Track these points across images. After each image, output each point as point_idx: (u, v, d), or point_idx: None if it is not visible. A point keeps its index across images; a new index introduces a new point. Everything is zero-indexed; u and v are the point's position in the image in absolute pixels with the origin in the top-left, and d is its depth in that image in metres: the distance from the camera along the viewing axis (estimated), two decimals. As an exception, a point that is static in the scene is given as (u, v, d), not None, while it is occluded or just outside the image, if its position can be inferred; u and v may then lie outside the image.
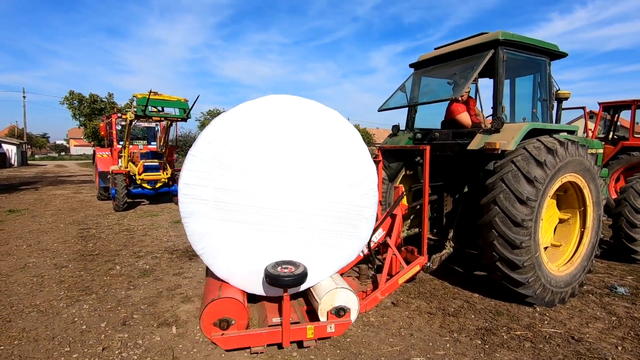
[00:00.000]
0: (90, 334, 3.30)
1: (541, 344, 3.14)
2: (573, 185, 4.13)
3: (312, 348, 3.05)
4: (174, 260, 5.47)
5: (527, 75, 4.98)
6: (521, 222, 3.55)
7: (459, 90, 4.24)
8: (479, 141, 4.07)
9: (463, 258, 5.39)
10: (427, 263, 4.05)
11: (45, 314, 3.69)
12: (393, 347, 3.09)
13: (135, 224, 8.05)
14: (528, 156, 3.65)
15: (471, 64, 4.25)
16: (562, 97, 4.83)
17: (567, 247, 4.29)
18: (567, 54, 4.65)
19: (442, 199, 4.91)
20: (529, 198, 3.56)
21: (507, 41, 4.11)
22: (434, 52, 4.93)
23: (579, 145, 3.97)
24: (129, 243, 6.44)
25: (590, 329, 3.43)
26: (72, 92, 30.70)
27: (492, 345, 3.11)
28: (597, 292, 4.30)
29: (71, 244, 6.39)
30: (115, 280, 4.65)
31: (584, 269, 4.17)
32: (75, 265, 5.23)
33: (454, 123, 4.89)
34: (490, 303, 3.96)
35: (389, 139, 5.40)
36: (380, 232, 4.19)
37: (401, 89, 5.15)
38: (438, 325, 3.48)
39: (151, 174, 9.95)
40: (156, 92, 9.21)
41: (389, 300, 4.02)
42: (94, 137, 28.96)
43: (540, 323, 3.51)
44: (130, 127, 9.61)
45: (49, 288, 4.37)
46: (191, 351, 3.02)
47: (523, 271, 3.63)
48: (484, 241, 3.83)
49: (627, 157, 8.84)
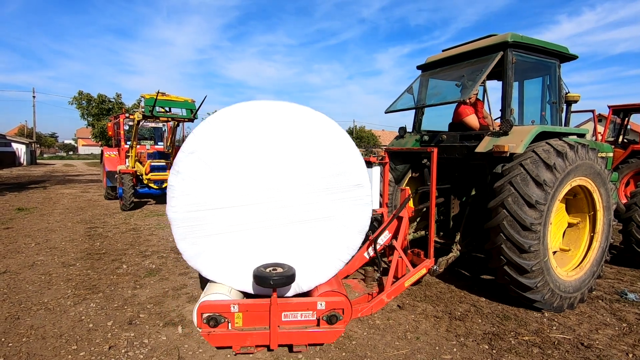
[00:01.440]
0: (97, 332, 3.32)
1: (550, 350, 3.09)
2: (583, 189, 4.07)
3: (317, 350, 3.04)
4: (180, 259, 5.49)
5: (536, 78, 4.94)
6: (530, 226, 3.51)
7: (467, 92, 4.21)
8: (487, 144, 4.03)
9: (470, 261, 5.35)
10: (433, 266, 4.02)
11: (53, 312, 3.73)
12: (399, 351, 3.07)
13: (142, 224, 8.11)
14: (537, 159, 3.61)
15: (480, 66, 4.22)
16: (571, 100, 4.77)
17: (577, 251, 4.24)
18: (577, 56, 4.60)
19: (449, 202, 4.87)
20: (537, 202, 3.52)
21: (516, 43, 4.07)
22: (442, 54, 4.91)
23: (589, 148, 3.92)
24: (136, 242, 6.49)
25: (600, 335, 3.37)
26: (80, 92, 31.04)
27: (499, 350, 3.07)
28: (607, 298, 4.23)
29: (79, 242, 6.45)
30: (121, 279, 4.68)
31: (593, 274, 4.11)
32: (82, 263, 5.28)
33: (462, 125, 4.86)
34: (498, 307, 3.91)
35: (395, 141, 5.38)
36: (387, 235, 4.17)
37: (408, 91, 5.13)
38: (444, 329, 3.45)
39: (158, 174, 10.01)
40: (164, 92, 9.29)
41: (394, 303, 3.99)
42: (102, 137, 29.23)
43: (549, 328, 3.47)
44: (137, 127, 9.69)
45: (56, 286, 4.41)
46: (197, 351, 3.02)
47: (531, 275, 3.59)
48: (491, 245, 3.79)
49: (638, 161, 8.71)
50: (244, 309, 2.72)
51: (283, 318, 2.76)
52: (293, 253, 2.98)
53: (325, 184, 2.97)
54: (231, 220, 2.87)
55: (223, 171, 2.82)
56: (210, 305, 2.68)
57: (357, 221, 3.05)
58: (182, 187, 2.78)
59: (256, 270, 2.70)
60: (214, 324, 2.65)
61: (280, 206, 2.92)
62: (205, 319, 2.65)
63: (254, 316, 2.74)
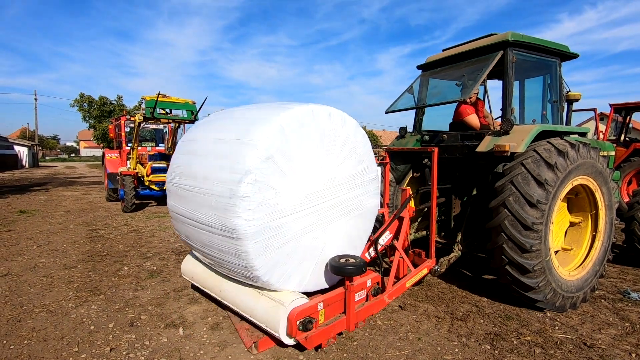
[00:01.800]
0: (98, 334, 3.32)
1: (552, 350, 3.08)
2: (584, 188, 4.05)
3: (319, 352, 3.03)
4: (181, 261, 5.48)
5: (537, 77, 4.92)
6: (531, 226, 3.50)
7: (468, 91, 4.20)
8: (488, 143, 4.02)
9: (471, 261, 5.33)
10: (435, 266, 4.01)
11: (55, 314, 3.73)
12: (400, 352, 3.06)
13: (143, 225, 8.12)
14: (538, 158, 3.60)
15: (480, 66, 4.21)
16: (572, 99, 4.75)
17: (579, 251, 4.22)
18: (578, 54, 4.58)
19: (450, 202, 4.86)
20: (539, 201, 3.50)
21: (516, 42, 4.06)
22: (442, 54, 4.90)
23: (590, 147, 3.90)
24: (137, 244, 6.49)
25: (603, 335, 3.35)
26: (82, 95, 31.15)
27: (501, 351, 3.06)
28: (610, 298, 4.21)
29: (80, 244, 6.46)
30: (123, 281, 4.68)
31: (595, 274, 4.09)
32: (84, 265, 5.28)
33: (463, 125, 4.84)
34: (500, 307, 3.90)
35: (396, 141, 5.36)
36: (388, 235, 4.16)
37: (409, 91, 5.12)
38: (446, 329, 3.44)
39: (159, 176, 10.03)
40: (164, 94, 9.31)
41: (396, 303, 3.98)
42: (104, 139, 29.32)
43: (551, 328, 3.45)
44: (138, 129, 9.72)
45: (58, 288, 4.42)
46: (198, 353, 3.02)
47: (533, 275, 3.57)
48: (493, 245, 3.77)
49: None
50: (327, 303, 2.95)
51: None
52: (343, 244, 3.31)
53: (357, 179, 3.33)
54: (298, 225, 2.88)
55: (294, 176, 2.78)
56: (302, 310, 2.75)
57: (374, 209, 3.66)
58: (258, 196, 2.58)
59: (334, 262, 2.98)
60: (308, 327, 2.77)
61: (331, 205, 3.11)
62: (300, 325, 2.73)
63: (332, 308, 3.01)
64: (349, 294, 3.02)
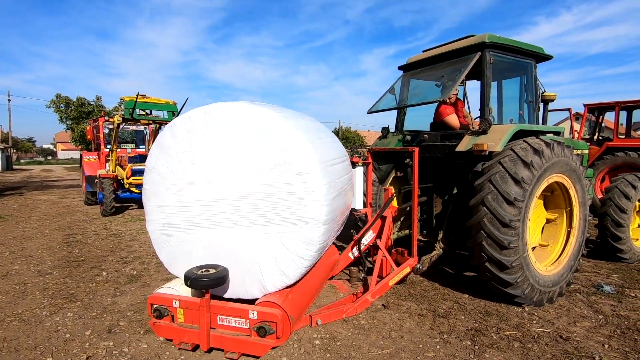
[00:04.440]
0: (74, 342, 3.21)
1: (530, 343, 3.15)
2: (559, 186, 4.18)
3: (302, 352, 3.01)
4: (162, 265, 5.37)
5: (513, 78, 5.05)
6: (509, 223, 3.58)
7: (447, 92, 4.27)
8: (467, 143, 4.09)
9: (453, 259, 5.42)
10: (417, 265, 4.05)
11: (28, 322, 3.59)
12: (383, 350, 3.08)
13: (123, 229, 7.91)
14: (515, 157, 3.69)
15: (459, 67, 4.29)
16: (548, 99, 4.90)
17: (555, 246, 4.34)
18: (552, 56, 4.72)
19: (432, 201, 4.93)
20: (516, 199, 3.59)
21: (493, 44, 4.15)
22: (422, 55, 4.97)
23: (564, 146, 4.03)
24: (116, 248, 6.32)
25: (578, 327, 3.46)
26: (59, 95, 30.16)
27: (481, 346, 3.11)
28: (584, 291, 4.35)
29: (56, 250, 6.24)
30: (101, 286, 4.55)
31: (571, 268, 4.22)
32: (59, 272, 5.11)
33: (443, 125, 4.92)
34: (480, 304, 3.97)
35: (378, 141, 5.41)
36: (371, 234, 4.18)
37: (390, 91, 5.17)
38: (428, 327, 3.48)
39: (139, 178, 9.80)
40: (144, 94, 9.11)
41: (379, 302, 4.01)
42: (82, 141, 28.45)
43: (529, 323, 3.54)
44: (117, 131, 9.48)
45: (32, 296, 4.25)
46: (178, 358, 2.96)
47: (511, 271, 3.66)
48: (473, 242, 3.84)
49: (612, 158, 9.01)
50: (184, 305, 2.86)
51: (219, 321, 2.79)
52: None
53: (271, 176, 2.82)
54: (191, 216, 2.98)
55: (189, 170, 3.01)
56: (158, 297, 2.92)
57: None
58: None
59: (188, 272, 2.70)
60: (158, 316, 2.88)
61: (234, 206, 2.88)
62: (153, 310, 2.90)
63: (194, 314, 2.83)
64: (202, 308, 2.72)
